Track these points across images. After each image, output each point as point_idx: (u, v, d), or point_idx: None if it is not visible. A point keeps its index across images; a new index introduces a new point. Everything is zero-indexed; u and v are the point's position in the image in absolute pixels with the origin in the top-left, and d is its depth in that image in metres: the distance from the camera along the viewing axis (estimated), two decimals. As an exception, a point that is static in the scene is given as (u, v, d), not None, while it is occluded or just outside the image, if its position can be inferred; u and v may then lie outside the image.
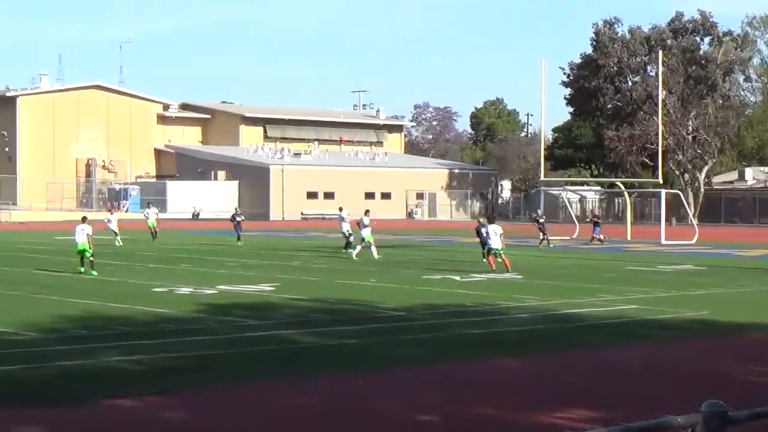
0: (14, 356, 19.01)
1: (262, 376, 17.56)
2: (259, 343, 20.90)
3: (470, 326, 23.88)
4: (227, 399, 15.54)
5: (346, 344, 20.96)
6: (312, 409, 14.95)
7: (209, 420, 14.27)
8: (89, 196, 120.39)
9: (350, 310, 26.64)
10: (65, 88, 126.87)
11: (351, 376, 17.46)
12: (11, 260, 44.11)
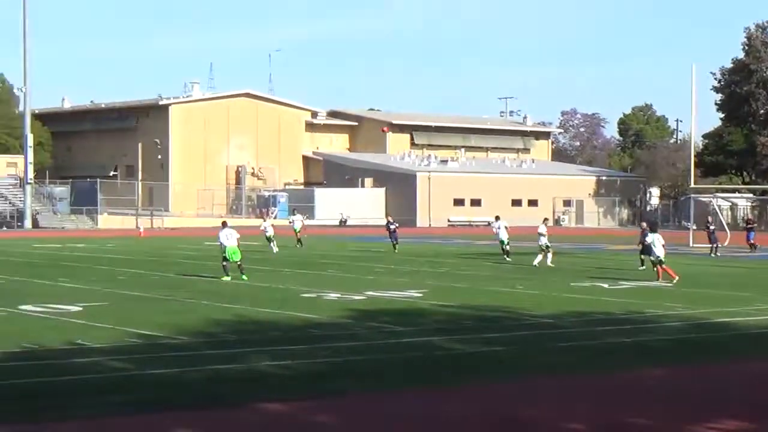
0: (167, 360, 19.39)
1: (410, 382, 17.58)
2: (406, 349, 20.95)
3: (619, 334, 23.60)
4: (375, 405, 15.61)
5: (494, 351, 20.88)
6: (460, 416, 14.91)
7: (357, 426, 14.35)
8: (239, 203, 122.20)
9: (498, 317, 26.53)
10: (216, 96, 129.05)
11: (499, 383, 17.38)
12: (163, 265, 45.00)
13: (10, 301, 29.02)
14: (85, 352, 20.08)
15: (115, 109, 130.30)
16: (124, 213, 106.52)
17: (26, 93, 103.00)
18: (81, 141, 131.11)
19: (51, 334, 22.43)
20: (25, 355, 19.79)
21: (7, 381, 17.19)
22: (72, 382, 17.18)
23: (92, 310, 27.21)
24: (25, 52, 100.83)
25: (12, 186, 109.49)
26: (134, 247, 61.22)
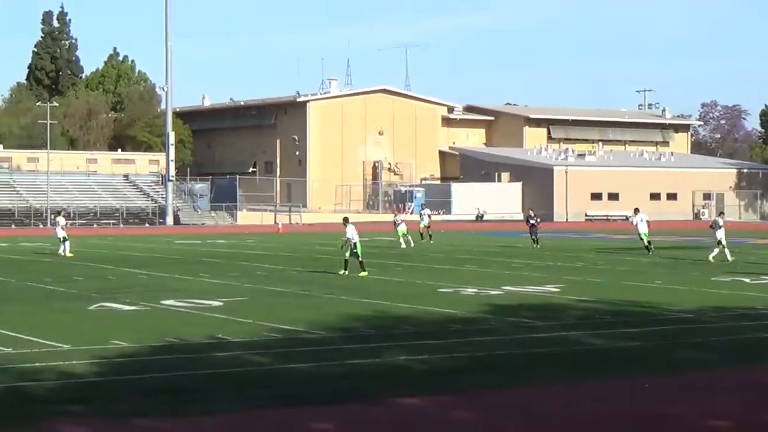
0: (306, 354, 19.57)
1: (549, 377, 17.46)
2: (545, 344, 20.82)
3: (762, 330, 23.13)
4: (514, 400, 15.55)
5: (633, 347, 20.64)
6: (599, 412, 14.77)
7: (496, 421, 14.29)
8: (375, 198, 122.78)
9: (637, 312, 26.21)
10: (353, 93, 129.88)
11: (639, 378, 17.17)
12: (302, 261, 45.45)
13: (153, 296, 29.60)
14: (225, 347, 20.38)
15: (254, 107, 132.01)
16: (263, 209, 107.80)
17: (168, 92, 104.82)
18: (221, 138, 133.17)
19: (192, 328, 22.81)
20: (167, 349, 20.15)
21: (150, 375, 17.53)
22: (213, 376, 17.44)
23: (232, 305, 27.61)
24: (167, 51, 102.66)
25: (154, 183, 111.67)
26: (273, 243, 61.93)
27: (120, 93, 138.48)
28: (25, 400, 15.43)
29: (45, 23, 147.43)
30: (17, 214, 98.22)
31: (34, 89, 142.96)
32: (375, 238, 60.88)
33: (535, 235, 55.40)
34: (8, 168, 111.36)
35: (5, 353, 19.39)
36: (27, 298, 29.73)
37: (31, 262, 45.16)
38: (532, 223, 55.98)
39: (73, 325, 23.79)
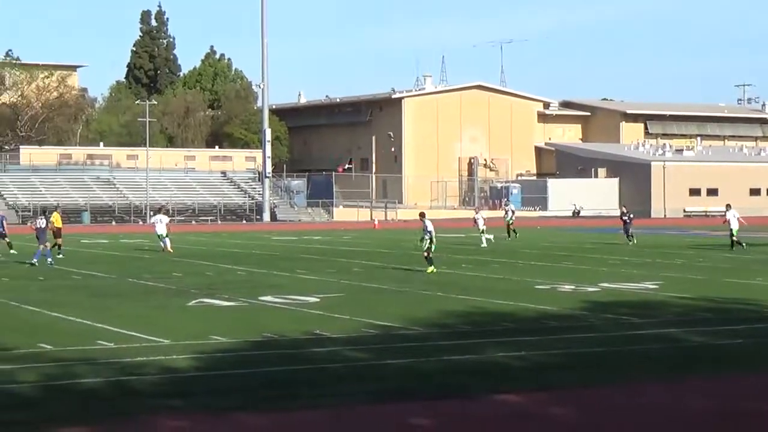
0: (403, 350, 19.60)
1: (647, 375, 17.30)
2: (644, 341, 20.62)
3: None
4: (612, 397, 15.42)
5: (734, 344, 20.37)
6: (698, 410, 14.61)
7: (594, 418, 14.20)
8: (471, 194, 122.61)
9: (738, 309, 25.85)
10: (448, 89, 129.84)
11: (740, 376, 16.94)
12: (398, 257, 45.49)
13: (251, 292, 29.86)
14: (323, 342, 20.48)
15: (349, 104, 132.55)
16: (359, 205, 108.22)
17: (264, 89, 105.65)
18: (316, 135, 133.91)
19: (290, 324, 22.96)
20: (266, 344, 20.31)
21: (248, 370, 17.67)
22: (311, 371, 17.54)
23: (329, 301, 27.74)
24: (263, 49, 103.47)
25: (251, 180, 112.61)
26: (369, 240, 62.09)
27: (217, 91, 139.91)
28: (127, 394, 15.65)
29: (143, 22, 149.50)
30: (117, 210, 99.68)
31: (133, 88, 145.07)
32: (471, 235, 60.71)
33: (629, 231, 54.88)
34: (108, 165, 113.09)
35: (108, 348, 19.69)
36: (128, 294, 30.16)
37: (131, 258, 45.80)
38: (625, 219, 55.43)
39: (172, 320, 24.09)
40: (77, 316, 24.30)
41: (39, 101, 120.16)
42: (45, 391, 15.76)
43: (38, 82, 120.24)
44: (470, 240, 55.44)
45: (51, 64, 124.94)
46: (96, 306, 26.78)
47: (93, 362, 18.09)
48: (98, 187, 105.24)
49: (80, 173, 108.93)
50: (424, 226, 37.91)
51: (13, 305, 26.99)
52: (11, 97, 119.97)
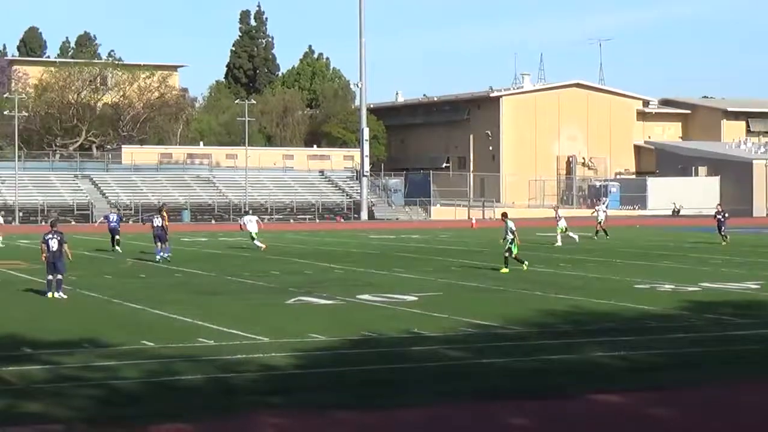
0: (502, 349, 19.56)
1: (749, 375, 17.08)
2: (746, 342, 20.36)
3: None
4: (712, 398, 15.25)
5: (839, 346, 20.00)
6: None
7: (697, 418, 14.06)
8: (569, 193, 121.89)
9: (843, 311, 25.38)
10: (546, 87, 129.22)
11: None
12: (495, 256, 45.26)
13: (349, 290, 29.99)
14: (421, 341, 20.52)
15: (447, 102, 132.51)
16: (457, 204, 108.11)
17: (362, 88, 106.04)
18: (414, 134, 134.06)
19: (388, 323, 23.03)
20: (364, 343, 20.39)
21: (347, 368, 17.77)
22: (410, 370, 17.59)
23: (427, 299, 27.76)
24: (361, 48, 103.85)
25: (349, 178, 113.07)
26: (467, 238, 62.01)
27: (315, 90, 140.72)
28: (228, 391, 15.82)
29: (243, 22, 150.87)
30: (216, 209, 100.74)
31: (233, 87, 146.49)
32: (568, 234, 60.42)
33: (722, 230, 54.09)
34: (208, 164, 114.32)
35: (208, 345, 19.92)
36: (228, 291, 30.47)
37: (230, 256, 46.24)
38: (719, 218, 54.62)
39: (271, 318, 24.28)
40: (178, 314, 24.62)
41: (140, 101, 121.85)
42: (147, 388, 15.99)
43: (140, 83, 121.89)
44: (566, 239, 55.04)
45: (152, 64, 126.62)
46: (197, 303, 27.10)
47: (194, 359, 18.32)
48: (198, 185, 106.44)
49: (180, 172, 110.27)
50: (507, 226, 37.70)
51: (116, 302, 27.42)
52: (113, 98, 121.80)
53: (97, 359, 18.38)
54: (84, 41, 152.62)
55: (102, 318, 24.39)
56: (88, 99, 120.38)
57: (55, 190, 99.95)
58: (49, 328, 22.20)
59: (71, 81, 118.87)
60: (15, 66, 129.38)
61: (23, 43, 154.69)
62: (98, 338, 20.62)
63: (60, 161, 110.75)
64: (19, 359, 18.36)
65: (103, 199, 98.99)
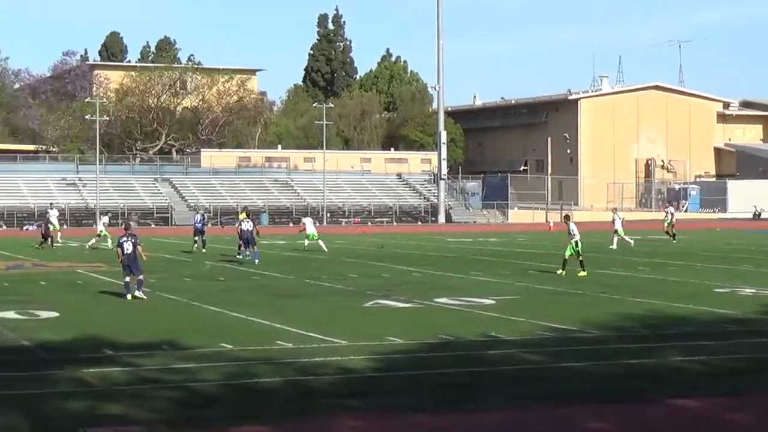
0: (580, 353, 19.48)
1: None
2: (828, 347, 20.08)
3: None
4: (796, 404, 15.07)
5: None
6: None
7: (777, 424, 13.90)
8: (648, 196, 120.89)
9: None
10: (624, 90, 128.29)
11: None
12: (573, 260, 45.07)
13: (426, 293, 30.01)
14: (499, 344, 20.49)
15: (525, 105, 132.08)
16: (534, 207, 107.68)
17: (440, 91, 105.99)
18: (491, 137, 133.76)
19: (466, 326, 23.02)
20: (441, 346, 20.41)
21: (425, 371, 17.79)
22: (487, 373, 17.58)
23: (505, 303, 27.71)
24: (438, 51, 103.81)
25: (426, 181, 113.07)
26: (544, 241, 61.72)
27: (393, 93, 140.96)
28: (306, 394, 15.91)
29: (321, 26, 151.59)
30: (294, 212, 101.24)
31: (311, 91, 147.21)
32: (648, 237, 59.98)
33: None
34: (286, 168, 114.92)
35: (287, 348, 20.05)
36: (306, 294, 30.61)
37: (308, 259, 46.43)
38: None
39: (349, 321, 24.36)
40: (257, 317, 24.79)
41: (219, 105, 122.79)
42: (226, 390, 16.14)
43: (219, 87, 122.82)
44: (647, 242, 54.64)
45: (231, 68, 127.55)
46: (275, 306, 27.28)
47: (272, 362, 18.45)
48: (276, 189, 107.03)
49: (258, 175, 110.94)
50: (569, 229, 37.49)
51: (196, 305, 27.68)
52: (193, 101, 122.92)
53: (176, 361, 18.59)
54: (164, 46, 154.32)
55: (181, 320, 24.65)
56: (168, 103, 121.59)
57: (135, 194, 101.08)
58: (129, 330, 22.48)
59: (151, 85, 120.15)
60: (96, 71, 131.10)
61: (104, 48, 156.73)
62: (177, 340, 20.84)
63: (140, 165, 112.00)
64: (100, 361, 18.61)
65: (182, 202, 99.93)
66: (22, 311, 25.96)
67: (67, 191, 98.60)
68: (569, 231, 37.45)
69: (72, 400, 15.29)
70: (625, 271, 37.98)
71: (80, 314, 25.82)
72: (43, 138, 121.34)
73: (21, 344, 20.81)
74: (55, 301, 28.44)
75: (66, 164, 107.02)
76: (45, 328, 22.96)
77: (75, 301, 28.85)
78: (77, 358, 18.95)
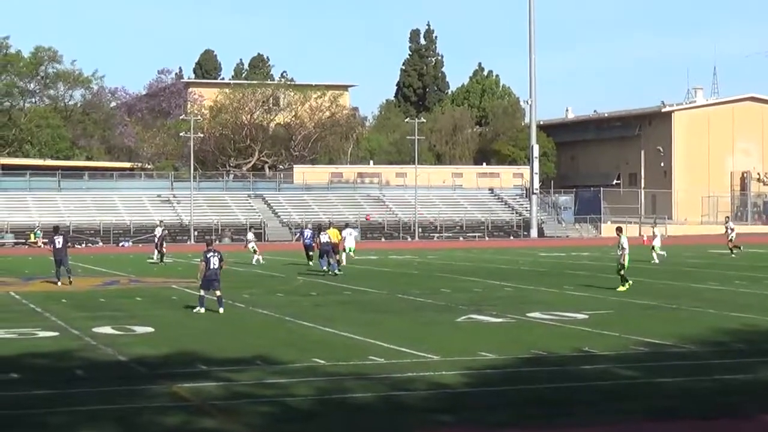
0: (675, 368, 19.25)
1: None
2: None
3: None
4: None
5: None
6: None
7: None
8: (744, 209, 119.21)
9: None
10: (719, 102, 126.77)
11: None
12: (669, 273, 44.66)
13: (518, 308, 29.87)
14: (592, 360, 20.32)
15: (617, 118, 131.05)
16: (628, 221, 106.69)
17: (532, 105, 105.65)
18: (584, 150, 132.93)
19: (558, 341, 22.87)
20: (534, 361, 20.29)
21: (518, 386, 17.71)
22: (581, 388, 17.44)
23: (598, 317, 27.48)
24: (531, 65, 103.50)
25: (518, 196, 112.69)
26: (638, 255, 61.11)
27: (485, 107, 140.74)
28: (398, 409, 15.91)
29: (413, 41, 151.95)
30: (386, 227, 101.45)
31: (402, 106, 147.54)
32: (748, 251, 59.21)
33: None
34: (378, 183, 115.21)
35: (379, 363, 20.06)
36: (397, 309, 30.63)
37: (399, 274, 46.47)
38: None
39: (441, 336, 24.31)
40: (349, 332, 24.85)
41: (312, 121, 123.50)
42: (319, 405, 16.19)
43: (311, 103, 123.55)
44: (748, 255, 53.91)
45: (323, 84, 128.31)
46: (367, 321, 27.33)
47: (364, 377, 18.47)
48: (368, 204, 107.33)
49: (351, 191, 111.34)
50: (620, 242, 37.10)
51: (288, 320, 27.82)
52: (285, 118, 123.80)
53: (269, 376, 18.69)
54: (257, 63, 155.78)
55: (274, 335, 24.78)
56: (261, 119, 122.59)
57: (228, 210, 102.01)
58: (222, 346, 22.66)
59: (245, 102, 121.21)
60: (191, 88, 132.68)
61: (199, 65, 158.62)
62: (270, 355, 20.96)
63: (233, 181, 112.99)
64: (194, 376, 18.78)
65: (275, 218, 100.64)
66: (117, 326, 26.30)
67: (162, 208, 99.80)
68: (620, 244, 37.04)
69: (167, 415, 15.45)
70: (722, 286, 37.48)
71: (175, 329, 26.10)
72: (138, 155, 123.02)
73: (117, 359, 21.07)
74: (150, 317, 28.79)
75: (161, 181, 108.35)
76: (140, 343, 23.23)
77: (170, 317, 29.17)
78: (172, 372, 19.15)
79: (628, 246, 37.22)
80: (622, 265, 36.78)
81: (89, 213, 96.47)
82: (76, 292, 36.96)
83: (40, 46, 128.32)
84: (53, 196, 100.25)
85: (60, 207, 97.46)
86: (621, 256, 36.84)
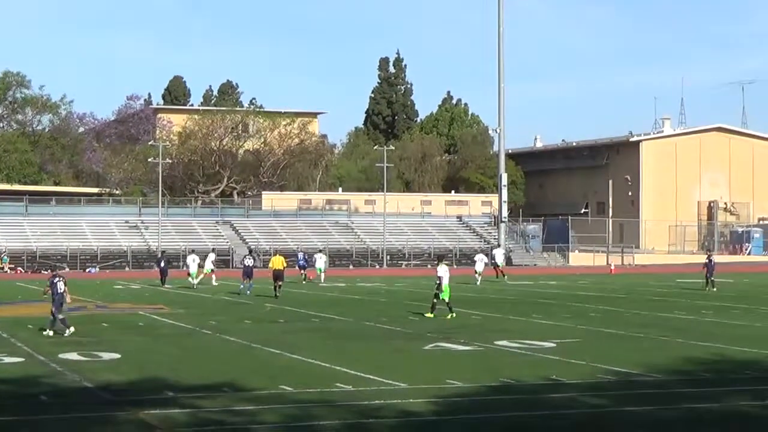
0: (642, 397, 19.27)
1: None
2: None
3: None
4: None
5: None
6: None
7: None
8: (711, 239, 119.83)
9: None
10: (687, 132, 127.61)
11: None
12: (635, 303, 44.79)
13: (486, 336, 29.85)
14: (561, 388, 20.32)
15: (586, 147, 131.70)
16: (595, 250, 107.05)
17: (500, 134, 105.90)
18: (552, 179, 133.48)
19: (527, 369, 22.87)
20: (503, 389, 20.28)
21: (486, 414, 17.68)
22: (549, 417, 17.42)
23: (566, 346, 27.50)
24: (500, 93, 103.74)
25: (487, 224, 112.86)
26: (605, 285, 61.34)
27: (453, 135, 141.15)
28: (366, 437, 15.86)
29: (382, 69, 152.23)
30: (354, 254, 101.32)
31: (371, 134, 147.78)
32: (717, 280, 59.40)
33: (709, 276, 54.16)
34: (346, 210, 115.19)
35: (347, 391, 19.99)
36: (365, 337, 30.58)
37: (367, 302, 46.42)
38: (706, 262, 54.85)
39: (409, 364, 24.26)
40: (317, 359, 24.77)
41: (281, 148, 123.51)
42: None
43: (280, 129, 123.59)
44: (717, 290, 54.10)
45: (292, 111, 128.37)
46: (335, 348, 27.25)
47: (332, 404, 18.41)
48: (336, 231, 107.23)
49: (319, 218, 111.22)
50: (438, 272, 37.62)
51: (256, 347, 27.72)
52: (254, 144, 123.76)
53: (237, 403, 18.59)
54: (226, 89, 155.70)
55: (241, 362, 24.67)
56: (230, 146, 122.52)
57: (197, 236, 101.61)
58: (190, 372, 22.55)
59: (214, 128, 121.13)
60: (159, 114, 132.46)
61: (168, 91, 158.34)
62: (238, 382, 20.87)
63: (202, 207, 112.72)
64: (161, 403, 18.65)
65: (243, 244, 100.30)
66: (84, 352, 26.13)
67: (130, 234, 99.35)
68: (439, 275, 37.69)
69: (133, 442, 15.32)
70: (689, 315, 37.60)
71: (142, 355, 25.94)
72: (106, 181, 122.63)
73: (83, 385, 20.92)
74: (116, 342, 28.62)
75: (129, 207, 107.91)
76: (107, 370, 23.07)
77: (136, 343, 29.00)
78: (138, 399, 19.02)
79: (446, 276, 37.55)
80: (437, 295, 37.23)
81: (56, 238, 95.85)
82: (43, 318, 36.68)
83: (8, 71, 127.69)
84: (20, 221, 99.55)
85: (27, 232, 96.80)
86: (437, 285, 37.29)
